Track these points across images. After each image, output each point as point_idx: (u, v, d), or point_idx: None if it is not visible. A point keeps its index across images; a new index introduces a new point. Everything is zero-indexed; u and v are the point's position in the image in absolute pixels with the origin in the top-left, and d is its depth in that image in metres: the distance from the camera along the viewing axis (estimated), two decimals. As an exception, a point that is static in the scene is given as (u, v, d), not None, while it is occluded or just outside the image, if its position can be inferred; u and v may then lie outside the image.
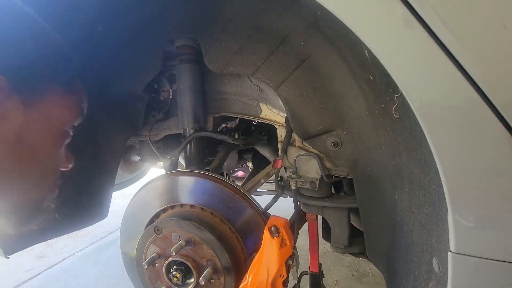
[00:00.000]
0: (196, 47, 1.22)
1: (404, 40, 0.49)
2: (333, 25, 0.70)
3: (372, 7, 0.51)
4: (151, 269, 1.04)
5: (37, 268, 2.69)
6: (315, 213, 1.13)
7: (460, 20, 0.46)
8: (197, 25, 1.08)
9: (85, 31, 1.04)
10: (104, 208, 1.46)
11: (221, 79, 1.31)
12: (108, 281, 2.49)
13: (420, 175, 0.62)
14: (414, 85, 0.50)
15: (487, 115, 0.46)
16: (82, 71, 0.85)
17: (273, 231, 0.87)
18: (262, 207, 1.03)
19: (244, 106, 1.30)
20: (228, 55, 1.05)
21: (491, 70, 0.46)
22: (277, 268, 0.86)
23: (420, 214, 0.65)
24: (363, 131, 0.90)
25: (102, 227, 3.45)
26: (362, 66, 0.71)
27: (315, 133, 1.01)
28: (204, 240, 0.94)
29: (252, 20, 0.99)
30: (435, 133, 0.49)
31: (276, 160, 1.13)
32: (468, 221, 0.50)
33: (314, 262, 1.19)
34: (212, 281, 0.96)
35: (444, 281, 0.54)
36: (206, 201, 1.02)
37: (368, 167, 0.92)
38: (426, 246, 0.62)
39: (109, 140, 1.39)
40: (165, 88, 1.41)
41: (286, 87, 0.99)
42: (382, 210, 0.90)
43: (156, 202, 1.08)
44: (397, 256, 0.82)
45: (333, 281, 2.37)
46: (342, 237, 1.09)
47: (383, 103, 0.69)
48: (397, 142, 0.71)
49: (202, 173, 1.04)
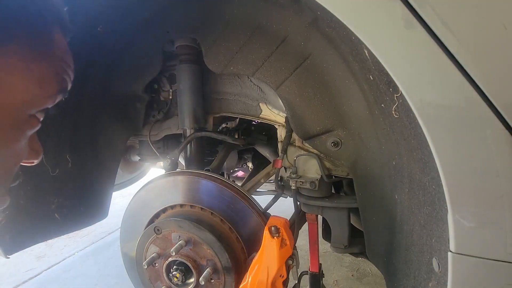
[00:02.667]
0: (196, 47, 1.22)
1: (404, 40, 0.49)
2: (333, 25, 0.70)
3: (372, 7, 0.51)
4: (151, 269, 1.04)
5: (37, 268, 2.69)
6: (315, 213, 1.13)
7: (460, 20, 0.46)
8: (197, 25, 1.08)
9: (85, 32, 1.04)
10: (104, 208, 1.46)
11: (221, 79, 1.31)
12: (108, 281, 2.49)
13: (420, 175, 0.62)
14: (414, 85, 0.50)
15: (487, 115, 0.46)
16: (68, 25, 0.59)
17: (273, 231, 0.87)
18: (262, 207, 1.03)
19: (244, 106, 1.30)
20: (228, 55, 1.05)
21: (491, 70, 0.46)
22: (277, 268, 0.86)
23: (420, 214, 0.65)
24: (363, 131, 0.90)
25: (102, 227, 3.45)
26: (362, 66, 0.71)
27: (315, 133, 1.01)
28: (204, 240, 0.94)
29: (252, 20, 0.99)
30: (435, 133, 0.49)
31: (276, 160, 1.13)
32: (468, 221, 0.50)
33: (314, 262, 1.19)
34: (212, 281, 0.96)
35: (444, 281, 0.54)
36: (206, 201, 1.02)
37: (368, 167, 0.92)
38: (426, 246, 0.62)
39: (109, 140, 1.39)
40: (165, 88, 1.41)
41: (286, 87, 0.99)
42: (382, 210, 0.90)
43: (156, 202, 1.08)
44: (397, 256, 0.82)
45: (333, 281, 2.37)
46: (342, 237, 1.09)
47: (383, 103, 0.69)
48: (397, 142, 0.71)
49: (202, 173, 1.04)
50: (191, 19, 1.09)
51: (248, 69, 1.04)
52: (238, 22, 1.02)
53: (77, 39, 1.04)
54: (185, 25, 1.10)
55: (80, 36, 1.05)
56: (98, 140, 1.35)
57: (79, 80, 1.16)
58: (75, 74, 0.62)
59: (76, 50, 1.09)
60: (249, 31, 1.00)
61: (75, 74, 0.61)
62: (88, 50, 1.11)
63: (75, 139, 1.23)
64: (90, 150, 1.32)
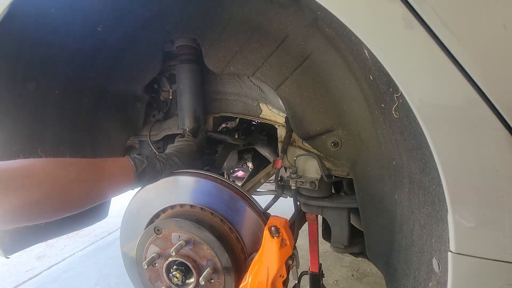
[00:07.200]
0: (196, 47, 1.22)
1: (404, 40, 0.49)
2: (333, 25, 0.70)
3: (372, 7, 0.51)
4: (151, 269, 1.04)
5: (37, 268, 2.69)
6: (315, 213, 1.13)
7: (460, 20, 0.46)
8: (197, 25, 1.08)
9: (85, 31, 1.04)
10: (104, 208, 1.46)
11: (221, 79, 1.31)
12: (108, 281, 2.50)
13: (420, 175, 0.62)
14: (414, 85, 0.50)
15: (487, 115, 0.46)
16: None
17: (273, 231, 0.87)
18: (262, 207, 1.03)
19: (244, 106, 1.30)
20: (228, 55, 1.05)
21: (491, 70, 0.46)
22: (277, 268, 0.86)
23: (420, 214, 0.65)
24: (363, 131, 0.90)
25: (102, 227, 3.46)
26: (362, 66, 0.71)
27: (315, 133, 1.01)
28: (204, 240, 0.94)
29: (252, 20, 0.99)
30: (435, 133, 0.49)
31: (276, 160, 1.13)
32: (468, 221, 0.50)
33: (314, 262, 1.19)
34: (212, 281, 0.96)
35: (444, 281, 0.54)
36: (206, 201, 1.02)
37: (368, 167, 0.92)
38: (426, 246, 0.62)
39: (109, 140, 1.39)
40: (165, 88, 1.41)
41: (286, 87, 0.99)
42: (382, 210, 0.90)
43: (156, 202, 1.08)
44: (397, 256, 0.82)
45: (333, 281, 2.37)
46: (342, 237, 1.09)
47: (383, 103, 0.69)
48: (397, 142, 0.71)
49: (202, 173, 1.04)
50: (191, 19, 1.09)
51: (248, 69, 1.04)
52: (238, 22, 1.02)
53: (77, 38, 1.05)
54: (185, 25, 1.10)
55: (80, 36, 1.05)
56: (98, 140, 1.35)
57: (79, 80, 1.16)
58: (75, 74, 0.65)
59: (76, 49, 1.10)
60: (249, 31, 1.00)
61: (75, 74, 0.64)
62: (88, 50, 1.11)
63: (75, 139, 1.23)
64: (90, 150, 1.32)
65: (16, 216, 0.64)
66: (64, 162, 0.75)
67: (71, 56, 1.08)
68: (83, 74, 1.17)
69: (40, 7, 0.87)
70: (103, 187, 0.82)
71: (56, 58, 1.04)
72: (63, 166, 0.73)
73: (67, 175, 0.73)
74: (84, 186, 0.77)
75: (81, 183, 0.75)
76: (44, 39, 0.96)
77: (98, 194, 0.81)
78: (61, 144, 1.17)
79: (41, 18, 0.90)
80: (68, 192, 0.73)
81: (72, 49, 1.06)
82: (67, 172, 0.73)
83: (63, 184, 0.71)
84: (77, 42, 1.05)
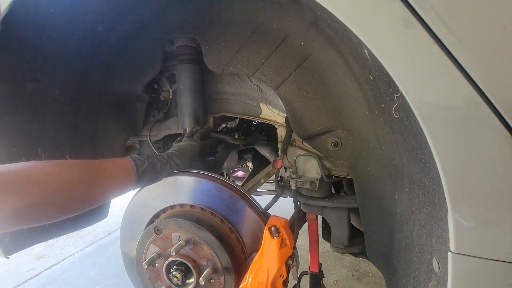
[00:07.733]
0: (196, 47, 1.22)
1: (404, 40, 0.49)
2: (333, 25, 0.70)
3: (372, 7, 0.51)
4: (151, 269, 1.04)
5: (37, 268, 2.69)
6: (315, 213, 1.13)
7: (460, 20, 0.46)
8: (197, 25, 1.08)
9: (85, 31, 1.04)
10: (104, 208, 1.46)
11: (221, 79, 1.31)
12: (108, 281, 2.50)
13: (420, 175, 0.62)
14: (414, 85, 0.50)
15: (487, 115, 0.46)
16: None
17: (273, 231, 0.87)
18: (262, 207, 1.03)
19: (244, 106, 1.30)
20: (228, 55, 1.05)
21: (491, 70, 0.46)
22: (277, 268, 0.86)
23: (420, 214, 0.65)
24: (363, 131, 0.90)
25: (102, 227, 3.46)
26: (362, 66, 0.71)
27: (315, 133, 1.01)
28: (204, 240, 0.94)
29: (252, 20, 0.99)
30: (435, 133, 0.49)
31: (276, 160, 1.13)
32: (468, 221, 0.50)
33: (314, 262, 1.19)
34: (212, 281, 0.96)
35: (444, 281, 0.54)
36: (206, 201, 1.01)
37: (368, 167, 0.92)
38: (426, 246, 0.62)
39: (109, 140, 1.39)
40: (165, 88, 1.41)
41: (286, 87, 0.99)
42: (382, 210, 0.90)
43: (156, 202, 1.08)
44: (397, 256, 0.82)
45: (333, 281, 2.37)
46: (342, 237, 1.09)
47: (383, 103, 0.69)
48: (397, 142, 0.71)
49: (202, 173, 1.04)
50: (191, 19, 1.09)
51: (248, 69, 1.04)
52: (238, 22, 1.02)
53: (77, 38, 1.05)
54: (185, 25, 1.10)
55: (80, 36, 1.05)
56: (98, 140, 1.35)
57: (79, 80, 1.16)
58: (75, 74, 0.66)
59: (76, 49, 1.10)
60: (249, 31, 1.00)
61: (75, 74, 0.65)
62: (88, 49, 1.11)
63: (75, 139, 1.23)
64: (90, 150, 1.32)
65: (18, 218, 0.64)
66: (64, 164, 0.75)
67: (71, 56, 1.08)
68: (83, 74, 1.17)
69: (40, 7, 0.87)
70: (104, 188, 0.82)
71: (56, 58, 1.04)
72: (63, 168, 0.73)
73: (68, 176, 0.73)
74: (85, 187, 0.76)
75: (82, 184, 0.75)
76: (44, 39, 0.96)
77: (99, 195, 0.81)
78: (61, 144, 1.17)
79: (41, 18, 0.90)
80: (69, 193, 0.73)
81: (72, 49, 1.06)
82: (67, 174, 0.73)
83: (64, 186, 0.71)
84: (77, 42, 1.05)
